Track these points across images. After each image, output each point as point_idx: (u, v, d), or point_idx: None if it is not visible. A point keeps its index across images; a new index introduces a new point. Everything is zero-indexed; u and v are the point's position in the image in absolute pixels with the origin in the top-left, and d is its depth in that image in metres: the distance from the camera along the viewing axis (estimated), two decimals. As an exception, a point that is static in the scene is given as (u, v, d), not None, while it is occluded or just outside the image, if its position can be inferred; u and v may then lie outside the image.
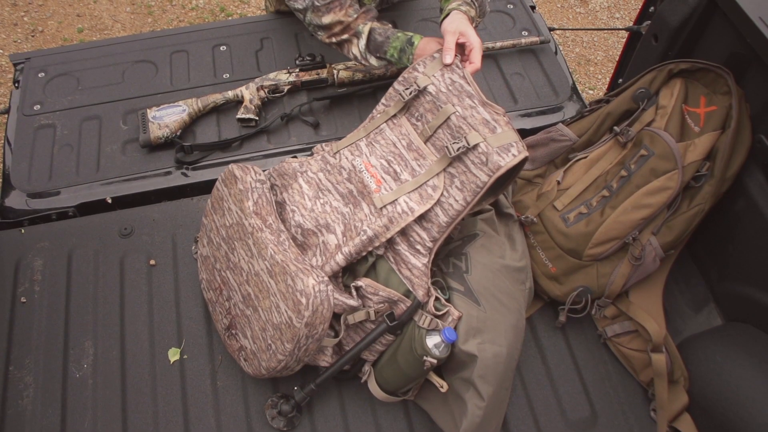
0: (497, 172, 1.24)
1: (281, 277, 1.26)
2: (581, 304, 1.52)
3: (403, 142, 1.38)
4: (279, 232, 1.33)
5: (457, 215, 1.30)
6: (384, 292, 1.31)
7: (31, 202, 1.77)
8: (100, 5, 3.58)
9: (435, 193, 1.30)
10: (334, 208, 1.36)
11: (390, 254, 1.34)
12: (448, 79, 1.36)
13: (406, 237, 1.34)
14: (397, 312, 1.33)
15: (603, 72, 3.43)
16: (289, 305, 1.24)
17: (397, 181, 1.34)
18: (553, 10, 3.70)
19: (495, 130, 1.28)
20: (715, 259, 1.58)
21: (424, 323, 1.31)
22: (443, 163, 1.31)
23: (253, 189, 1.36)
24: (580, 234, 1.49)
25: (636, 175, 1.46)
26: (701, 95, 1.48)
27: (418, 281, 1.32)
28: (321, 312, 1.23)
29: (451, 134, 1.32)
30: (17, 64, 2.07)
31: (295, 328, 1.24)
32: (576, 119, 1.65)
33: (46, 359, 1.50)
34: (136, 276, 1.62)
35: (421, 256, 1.33)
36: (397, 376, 1.37)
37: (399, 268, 1.34)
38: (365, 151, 1.40)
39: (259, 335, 1.34)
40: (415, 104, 1.39)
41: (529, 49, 2.09)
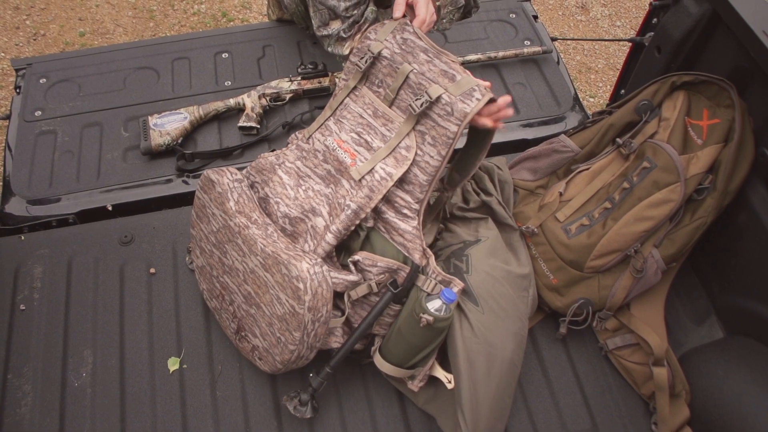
0: (465, 119, 1.24)
1: (275, 268, 1.26)
2: (582, 316, 1.52)
3: (369, 111, 1.37)
4: (265, 225, 1.33)
5: (436, 171, 1.30)
6: (382, 263, 1.33)
7: (31, 208, 1.77)
8: (102, 9, 3.58)
9: (409, 153, 1.30)
10: (317, 192, 1.37)
11: (380, 224, 1.36)
12: (400, 39, 1.36)
13: (391, 204, 1.34)
14: (399, 280, 1.34)
15: (604, 80, 3.43)
16: (289, 294, 1.25)
17: (370, 151, 1.34)
18: (554, 18, 3.70)
19: (454, 78, 1.27)
20: (717, 272, 1.58)
21: (428, 287, 1.32)
22: (411, 122, 1.31)
23: (232, 189, 1.36)
24: (581, 245, 1.48)
25: (638, 188, 1.45)
26: (704, 108, 1.47)
27: (412, 245, 1.33)
28: (321, 294, 1.24)
29: (412, 92, 1.31)
30: (19, 70, 2.07)
31: (299, 315, 1.24)
32: (578, 130, 1.64)
33: (45, 367, 1.50)
34: (136, 284, 1.61)
35: (410, 220, 1.34)
36: (400, 344, 1.37)
37: (391, 237, 1.35)
38: (334, 129, 1.39)
39: (267, 331, 1.34)
40: (373, 72, 1.38)
41: (531, 59, 2.09)
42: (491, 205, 1.56)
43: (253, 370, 1.49)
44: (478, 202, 1.57)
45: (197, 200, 1.45)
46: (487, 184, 1.60)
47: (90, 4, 3.60)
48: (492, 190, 1.59)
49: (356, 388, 1.50)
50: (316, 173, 1.39)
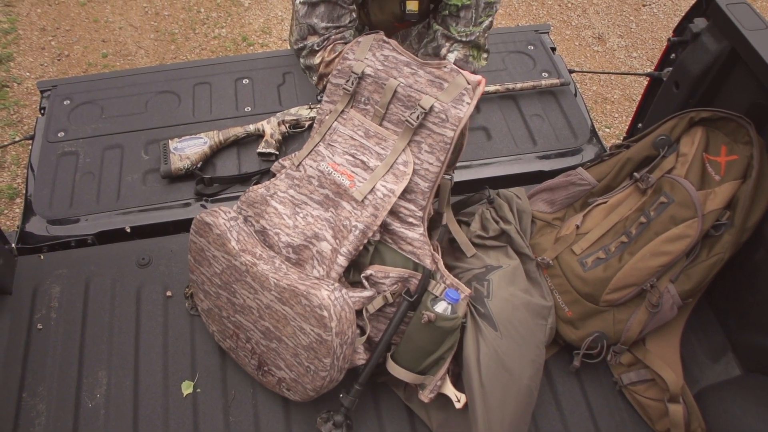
0: (460, 123, 1.28)
1: (294, 300, 1.27)
2: (597, 350, 1.51)
3: (360, 133, 1.39)
4: (272, 259, 1.35)
5: (436, 177, 1.33)
6: (394, 273, 1.35)
7: (51, 228, 1.79)
8: (125, 32, 3.65)
9: (408, 168, 1.33)
10: (316, 217, 1.38)
11: (387, 237, 1.38)
12: (381, 56, 1.38)
13: (395, 215, 1.36)
14: (411, 288, 1.36)
15: (620, 110, 3.44)
16: (313, 323, 1.26)
17: (367, 170, 1.35)
18: (571, 49, 3.72)
19: (442, 87, 1.31)
20: (734, 309, 1.57)
21: (437, 291, 1.34)
22: (406, 136, 1.33)
23: (230, 229, 1.37)
24: (597, 279, 1.48)
25: (655, 222, 1.45)
26: (722, 144, 1.48)
27: (422, 251, 1.35)
28: (345, 317, 1.26)
29: (403, 105, 1.34)
30: (44, 91, 2.11)
31: (327, 342, 1.25)
32: (596, 163, 1.65)
33: (60, 387, 1.50)
34: (152, 307, 1.63)
35: (416, 228, 1.36)
36: (409, 348, 1.38)
37: (400, 247, 1.37)
38: (326, 153, 1.41)
39: (293, 362, 1.35)
40: (358, 91, 1.40)
41: (548, 90, 2.10)
42: (510, 233, 1.57)
43: (267, 396, 1.49)
44: (497, 230, 1.58)
45: (193, 245, 1.46)
46: (506, 213, 1.61)
47: (113, 27, 3.67)
48: (511, 218, 1.60)
49: (367, 411, 1.49)
50: (312, 199, 1.40)
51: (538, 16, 3.91)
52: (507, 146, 1.97)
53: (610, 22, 3.89)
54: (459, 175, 1.89)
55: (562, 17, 3.90)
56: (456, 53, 1.66)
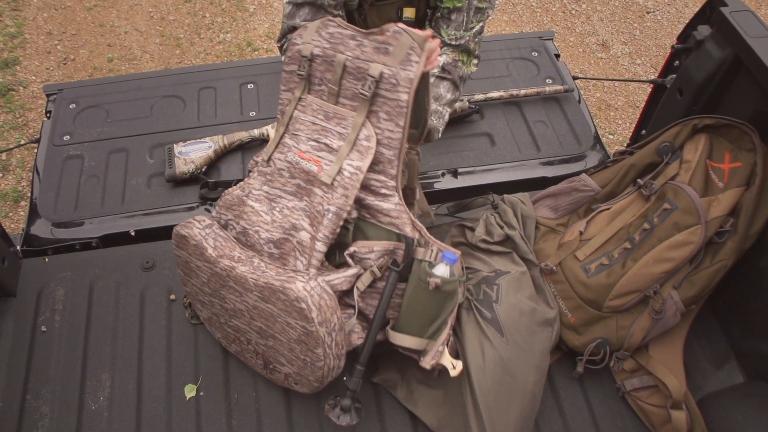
0: (412, 85, 1.25)
1: (274, 297, 1.27)
2: (600, 356, 1.51)
3: (320, 116, 1.37)
4: (250, 260, 1.34)
5: (400, 143, 1.31)
6: (378, 247, 1.34)
7: (55, 231, 1.80)
8: (130, 36, 3.67)
9: (371, 143, 1.31)
10: (292, 208, 1.38)
11: (364, 212, 1.37)
12: (326, 34, 1.36)
13: (368, 190, 1.35)
14: (398, 259, 1.35)
15: (623, 117, 3.45)
16: (295, 317, 1.26)
17: (332, 152, 1.34)
18: (575, 55, 3.73)
19: (388, 51, 1.28)
20: (737, 316, 1.57)
21: (430, 257, 1.33)
22: (363, 109, 1.31)
23: (206, 237, 1.38)
24: (600, 285, 1.48)
25: (658, 229, 1.46)
26: (726, 151, 1.48)
27: (400, 221, 1.34)
28: (325, 304, 1.26)
29: (354, 78, 1.32)
30: (50, 95, 2.12)
31: (313, 333, 1.25)
32: (599, 169, 1.65)
33: (63, 390, 1.51)
34: (155, 310, 1.63)
35: (390, 198, 1.34)
36: (413, 317, 1.38)
37: (378, 220, 1.36)
38: (291, 144, 1.40)
39: (291, 357, 1.36)
40: (311, 74, 1.39)
41: (552, 97, 2.10)
42: (514, 239, 1.57)
43: (269, 400, 1.50)
44: (501, 235, 1.59)
45: (178, 258, 1.47)
46: (510, 218, 1.61)
47: (119, 31, 3.69)
48: (515, 224, 1.61)
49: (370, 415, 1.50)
50: (286, 191, 1.39)
51: (542, 23, 3.92)
52: (511, 152, 1.97)
53: (614, 29, 3.90)
54: (463, 181, 1.90)
55: (566, 24, 3.91)
56: (445, 57, 1.66)
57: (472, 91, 2.08)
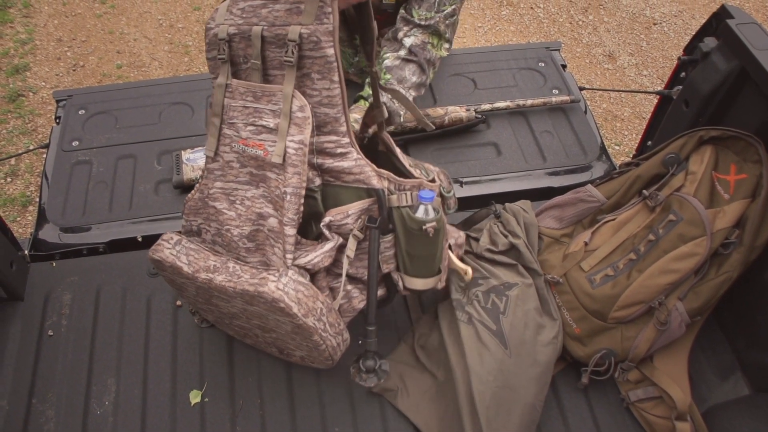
0: (334, 36, 1.21)
1: (254, 301, 1.26)
2: (604, 367, 1.51)
3: (249, 98, 1.32)
4: (225, 265, 1.32)
5: (341, 99, 1.26)
6: (352, 210, 1.31)
7: (63, 236, 1.81)
8: (139, 43, 3.70)
9: (305, 112, 1.25)
10: (252, 198, 1.34)
11: (328, 177, 1.33)
12: (237, 10, 1.31)
13: (324, 153, 1.31)
14: (375, 215, 1.33)
15: (630, 128, 3.45)
16: (280, 315, 1.25)
17: (272, 132, 1.29)
18: (581, 66, 3.74)
19: (301, 10, 1.23)
20: (743, 328, 1.57)
21: (407, 201, 1.31)
22: (290, 78, 1.25)
23: (178, 255, 1.36)
24: (605, 296, 1.48)
25: (664, 240, 1.46)
26: (731, 163, 1.48)
27: (364, 175, 1.30)
28: (303, 295, 1.24)
29: (276, 47, 1.27)
30: (60, 101, 2.14)
31: (302, 326, 1.25)
32: (605, 180, 1.65)
33: (69, 394, 1.52)
34: (162, 316, 1.64)
35: (348, 156, 1.30)
36: (420, 263, 1.37)
37: (344, 181, 1.32)
38: (231, 133, 1.35)
39: (296, 344, 1.35)
40: (233, 54, 1.34)
41: (559, 107, 2.11)
42: (519, 247, 1.58)
43: (274, 406, 1.50)
44: (506, 244, 1.59)
45: (164, 278, 1.47)
46: (514, 227, 1.62)
47: (128, 38, 3.72)
48: (519, 232, 1.61)
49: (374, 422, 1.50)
50: (240, 182, 1.36)
51: (548, 34, 3.94)
52: (517, 162, 1.98)
53: (620, 40, 3.91)
54: (469, 190, 1.91)
55: (573, 35, 3.93)
56: (413, 38, 1.63)
57: (479, 100, 2.09)
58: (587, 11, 4.09)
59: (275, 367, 1.56)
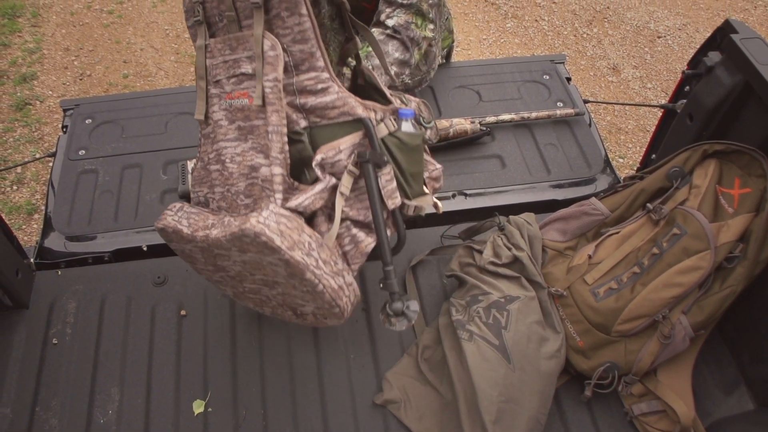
0: None
1: (244, 244, 1.22)
2: (608, 380, 1.51)
3: (227, 52, 1.33)
4: (221, 221, 1.30)
5: (313, 31, 1.24)
6: (344, 144, 1.29)
7: (69, 244, 1.82)
8: (146, 53, 3.72)
9: (276, 50, 1.25)
10: (242, 153, 1.33)
11: (312, 117, 1.31)
12: None
13: (305, 92, 1.29)
14: (367, 149, 1.31)
15: (634, 141, 3.46)
16: (267, 253, 1.20)
17: (251, 78, 1.29)
18: (586, 78, 3.75)
19: None
20: (747, 342, 1.56)
21: (390, 126, 1.31)
22: (259, 20, 1.25)
23: (179, 220, 1.36)
24: (609, 309, 1.48)
25: (668, 254, 1.46)
26: (736, 177, 1.48)
27: (348, 107, 1.29)
28: (286, 227, 1.20)
29: None
30: (67, 110, 2.15)
31: (290, 262, 1.20)
32: (609, 194, 1.66)
33: (73, 403, 1.52)
34: (166, 325, 1.64)
35: (329, 90, 1.28)
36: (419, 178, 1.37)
37: (330, 118, 1.30)
38: (217, 92, 1.36)
39: (300, 293, 1.31)
40: (208, 15, 1.35)
41: (563, 120, 2.12)
42: (523, 260, 1.58)
43: (277, 417, 1.50)
44: (510, 257, 1.59)
45: (176, 251, 1.46)
46: (518, 240, 1.62)
47: (135, 48, 3.74)
48: (523, 245, 1.61)
49: None
50: (228, 140, 1.35)
51: (553, 46, 3.95)
52: (521, 174, 1.98)
53: (625, 53, 3.92)
54: (473, 202, 1.91)
55: (578, 47, 3.94)
56: (396, 18, 1.63)
57: (483, 113, 2.10)
58: (592, 24, 4.10)
59: (279, 377, 1.56)
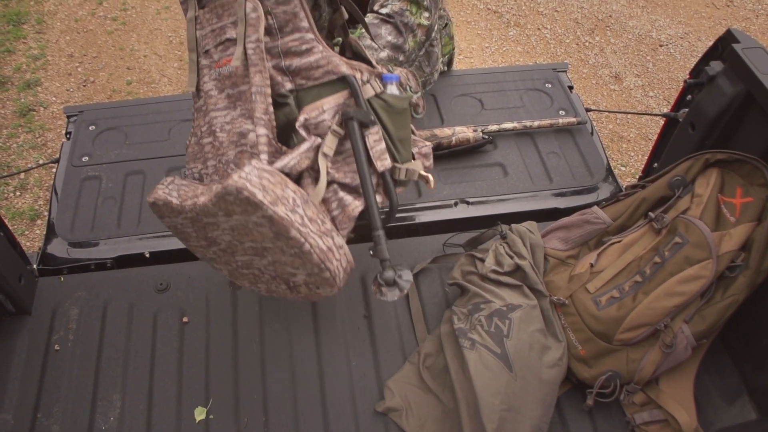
0: None
1: (228, 205, 1.19)
2: (610, 389, 1.51)
3: (214, 21, 1.34)
4: (209, 188, 1.28)
5: None
6: (328, 104, 1.27)
7: (71, 251, 1.82)
8: (149, 60, 3.73)
9: (258, 11, 1.25)
10: (231, 121, 1.32)
11: (298, 80, 1.30)
12: None
13: (290, 54, 1.28)
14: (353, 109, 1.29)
15: (636, 149, 3.46)
16: (251, 210, 1.17)
17: (234, 44, 1.30)
18: (588, 87, 3.76)
19: None
20: (749, 351, 1.56)
21: (376, 87, 1.30)
22: None
23: (170, 192, 1.34)
24: (611, 318, 1.48)
25: (670, 263, 1.46)
26: (738, 186, 1.49)
27: (332, 65, 1.27)
28: (269, 182, 1.17)
29: None
30: (70, 116, 2.16)
31: (274, 218, 1.15)
32: (611, 202, 1.66)
33: (74, 409, 1.52)
34: (168, 332, 1.64)
35: (313, 50, 1.27)
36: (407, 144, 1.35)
37: (315, 78, 1.29)
38: (206, 62, 1.36)
39: (288, 260, 1.26)
40: None
41: (565, 128, 2.12)
42: (525, 269, 1.58)
43: (278, 424, 1.50)
44: (512, 265, 1.59)
45: (169, 228, 1.43)
46: (520, 248, 1.62)
47: (138, 55, 3.76)
48: (525, 253, 1.62)
49: None
50: (218, 109, 1.34)
51: (555, 55, 3.96)
52: (523, 183, 1.99)
53: (627, 61, 3.93)
54: (475, 210, 1.92)
55: (580, 56, 3.95)
56: (391, 6, 1.63)
57: (486, 121, 2.10)
58: (594, 32, 4.12)
59: (280, 385, 1.56)
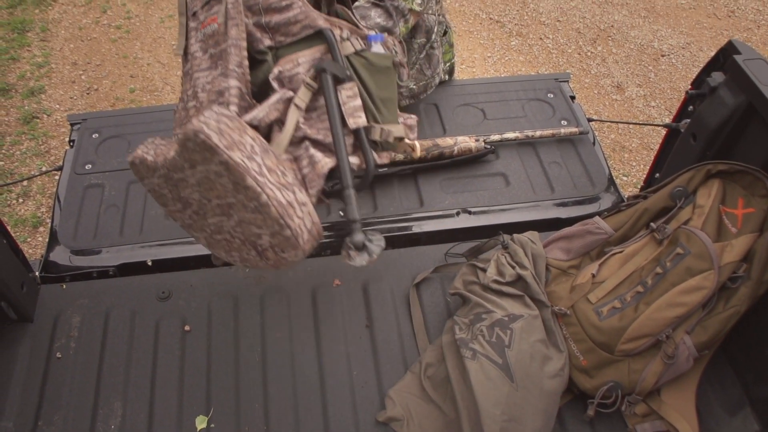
0: None
1: (190, 154, 1.16)
2: (611, 399, 1.50)
3: None
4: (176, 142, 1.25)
5: None
6: (303, 57, 1.27)
7: (74, 258, 1.83)
8: (152, 68, 3.75)
9: None
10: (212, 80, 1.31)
11: (278, 37, 1.30)
12: None
13: (269, 11, 1.29)
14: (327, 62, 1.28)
15: (637, 159, 3.46)
16: (209, 156, 1.14)
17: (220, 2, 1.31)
18: (590, 97, 3.77)
19: None
20: (751, 362, 1.56)
21: (360, 46, 1.29)
22: None
23: (147, 152, 1.31)
24: (612, 328, 1.48)
25: (671, 273, 1.46)
26: (739, 197, 1.49)
27: (310, 19, 1.28)
28: (227, 126, 1.14)
29: None
30: (74, 124, 2.17)
31: (230, 164, 1.12)
32: (613, 213, 1.66)
33: (76, 417, 1.52)
34: (170, 340, 1.64)
35: (292, 6, 1.28)
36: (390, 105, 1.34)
37: (293, 34, 1.29)
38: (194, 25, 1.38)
39: (251, 217, 1.21)
40: None
41: (567, 138, 2.13)
42: (526, 279, 1.58)
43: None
44: (513, 275, 1.59)
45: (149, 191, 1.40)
46: (521, 258, 1.62)
47: (142, 63, 3.77)
48: (527, 263, 1.62)
49: None
50: (202, 69, 1.34)
51: (557, 65, 3.97)
52: (525, 193, 1.99)
53: (629, 71, 3.94)
54: (477, 220, 1.92)
55: (582, 66, 3.96)
56: None
57: (488, 131, 2.11)
58: (596, 42, 4.13)
59: (281, 394, 1.56)
